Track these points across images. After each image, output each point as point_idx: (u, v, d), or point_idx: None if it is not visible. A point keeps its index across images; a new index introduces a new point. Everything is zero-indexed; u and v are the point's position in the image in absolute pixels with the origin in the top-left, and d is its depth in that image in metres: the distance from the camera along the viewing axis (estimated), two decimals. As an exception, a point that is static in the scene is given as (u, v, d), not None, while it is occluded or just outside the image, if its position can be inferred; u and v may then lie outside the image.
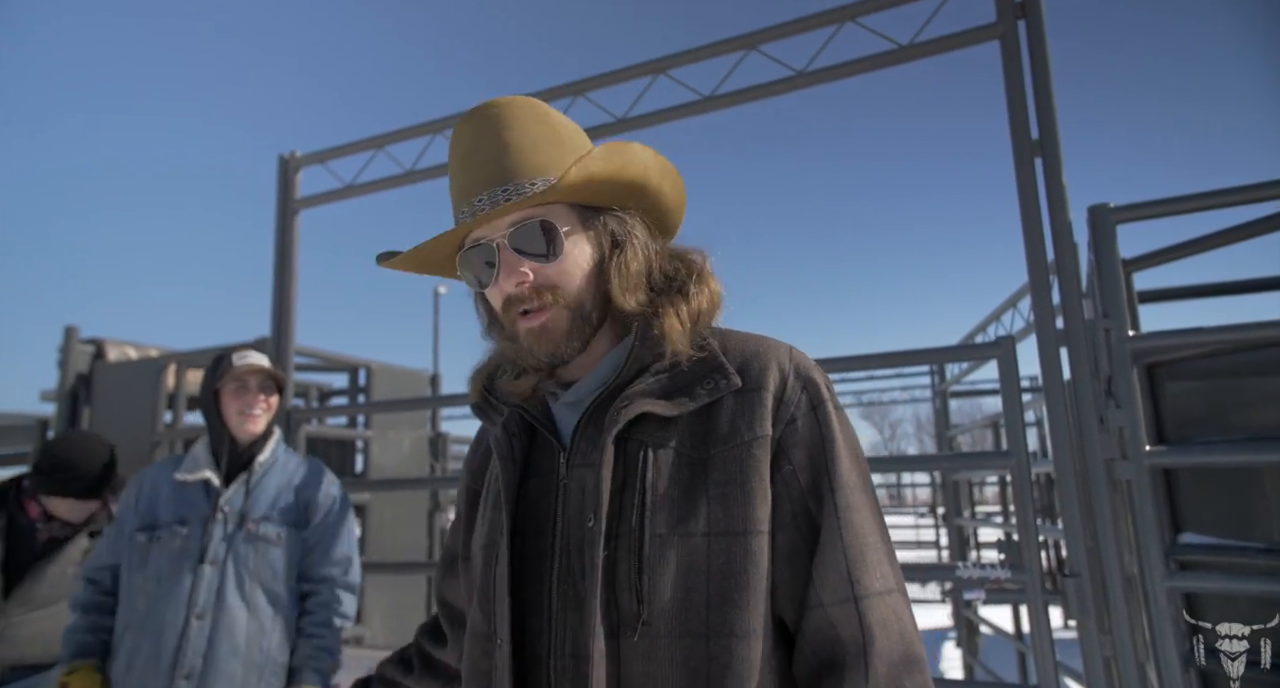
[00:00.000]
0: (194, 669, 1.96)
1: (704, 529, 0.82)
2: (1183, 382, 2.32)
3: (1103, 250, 2.24)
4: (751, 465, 0.84)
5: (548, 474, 0.92)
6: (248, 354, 2.22)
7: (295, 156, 3.72)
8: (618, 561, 0.82)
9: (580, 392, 0.94)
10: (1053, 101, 2.30)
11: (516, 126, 0.93)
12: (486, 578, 0.91)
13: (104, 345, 4.78)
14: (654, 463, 0.85)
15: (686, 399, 0.87)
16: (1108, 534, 2.13)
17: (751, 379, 0.89)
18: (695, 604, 0.80)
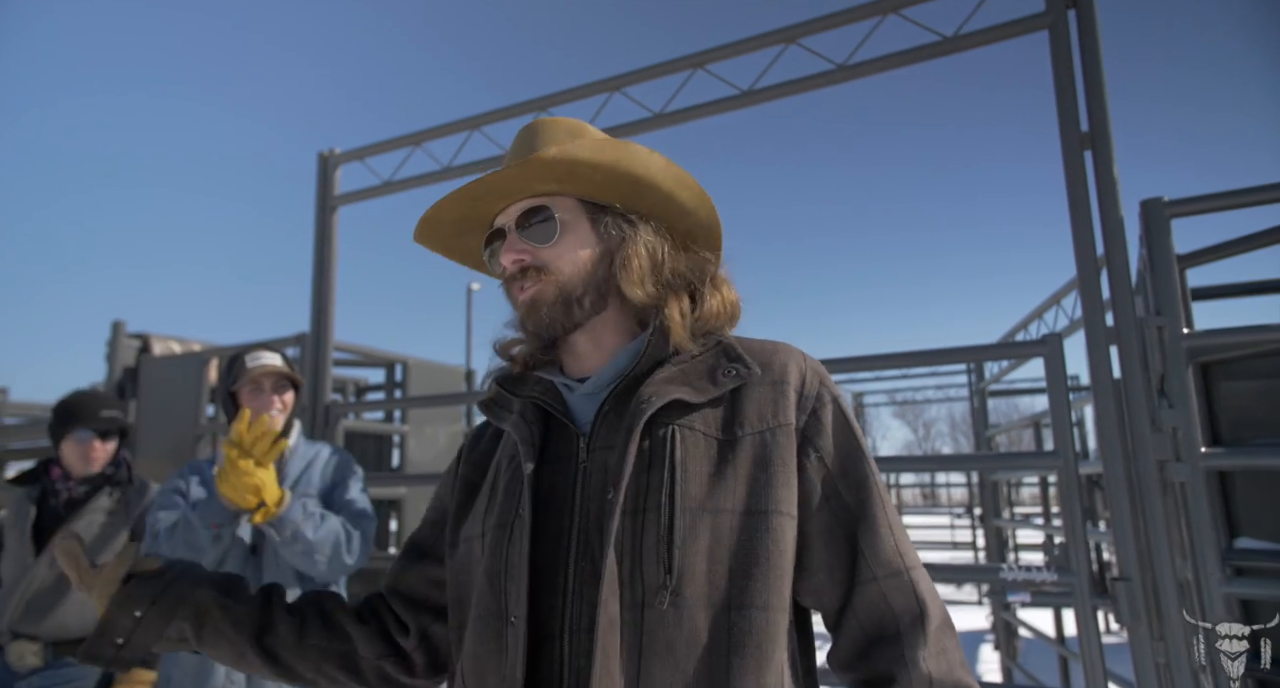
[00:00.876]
0: None
1: (731, 506, 0.87)
2: (1238, 381, 2.24)
3: (1156, 245, 2.17)
4: (776, 450, 0.90)
5: (566, 459, 0.95)
6: (260, 355, 2.26)
7: (334, 153, 3.76)
8: (644, 533, 0.85)
9: (598, 383, 0.99)
10: (1104, 93, 2.24)
11: (547, 134, 1.04)
12: (497, 558, 0.91)
13: (149, 340, 4.88)
14: (683, 442, 0.89)
15: (710, 386, 0.93)
16: (1160, 538, 2.07)
17: (774, 372, 0.96)
18: (719, 577, 0.85)
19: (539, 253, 1.00)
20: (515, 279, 1.01)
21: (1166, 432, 2.11)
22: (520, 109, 3.33)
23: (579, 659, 0.83)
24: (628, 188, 1.02)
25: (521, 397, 1.02)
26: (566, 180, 1.00)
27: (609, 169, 0.99)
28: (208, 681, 2.03)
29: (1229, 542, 2.12)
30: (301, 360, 3.72)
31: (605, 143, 0.99)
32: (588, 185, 1.01)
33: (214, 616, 1.02)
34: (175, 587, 1.02)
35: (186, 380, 4.46)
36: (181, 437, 4.36)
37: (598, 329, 1.03)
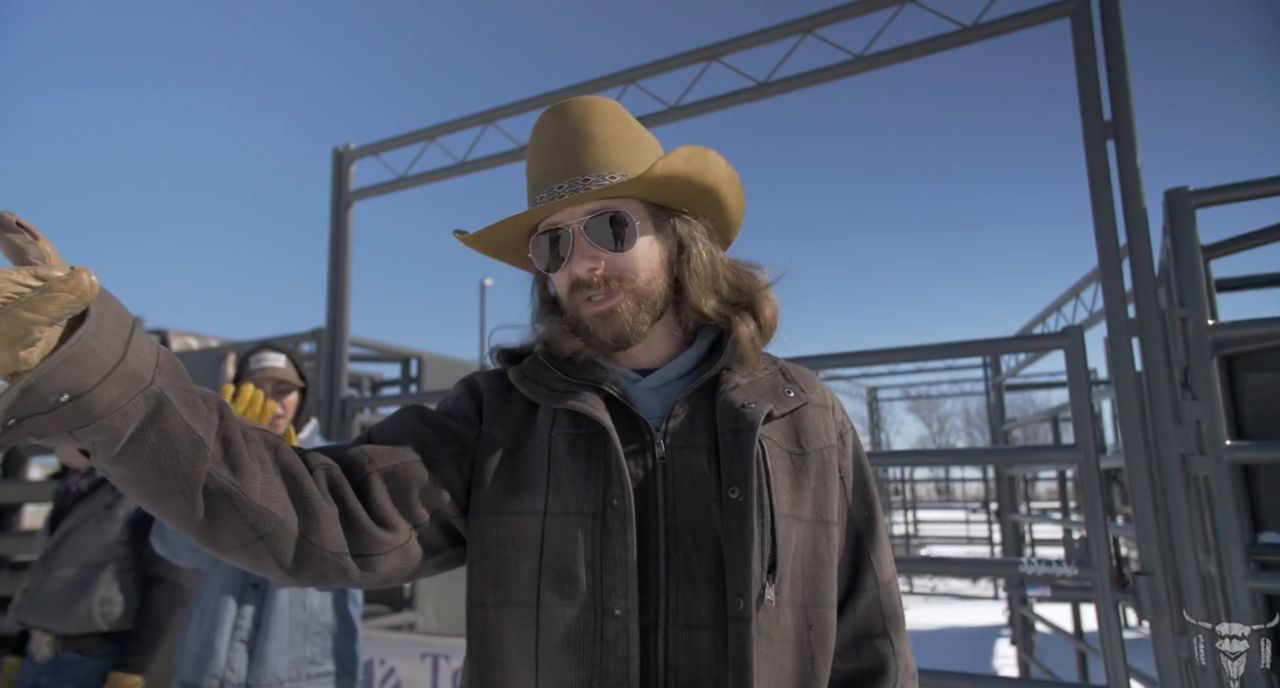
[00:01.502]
0: (248, 633, 2.12)
1: (809, 515, 0.95)
2: (1263, 373, 2.21)
3: (1181, 236, 2.14)
4: (832, 468, 0.99)
5: (639, 452, 0.94)
6: (264, 358, 2.29)
7: (350, 149, 3.77)
8: (747, 533, 0.88)
9: (663, 378, 1.01)
10: (1127, 82, 2.21)
11: (599, 124, 1.00)
12: (590, 548, 0.88)
13: (168, 335, 4.92)
14: (770, 452, 0.94)
15: (780, 402, 0.98)
16: (1183, 532, 2.05)
17: (819, 397, 1.04)
18: (799, 578, 0.93)
19: (614, 260, 0.97)
20: (585, 287, 0.97)
21: (1190, 425, 2.08)
22: (534, 103, 3.33)
23: (678, 656, 0.86)
24: (696, 195, 1.02)
25: (578, 381, 0.98)
26: (646, 190, 0.98)
27: (693, 180, 0.99)
28: (208, 668, 2.06)
29: (1253, 536, 2.10)
30: (317, 356, 3.74)
31: (692, 153, 0.97)
32: (660, 191, 0.99)
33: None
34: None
35: (204, 375, 4.49)
36: (200, 431, 4.40)
37: (659, 328, 1.02)
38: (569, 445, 0.95)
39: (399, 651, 3.32)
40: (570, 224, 0.97)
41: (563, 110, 1.01)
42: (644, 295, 0.97)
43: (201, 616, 2.15)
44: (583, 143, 0.98)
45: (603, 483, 0.91)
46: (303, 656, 2.13)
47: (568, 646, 0.87)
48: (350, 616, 2.29)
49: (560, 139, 0.99)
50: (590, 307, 0.97)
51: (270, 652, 2.09)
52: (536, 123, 1.04)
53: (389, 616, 4.50)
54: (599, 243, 0.96)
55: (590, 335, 0.97)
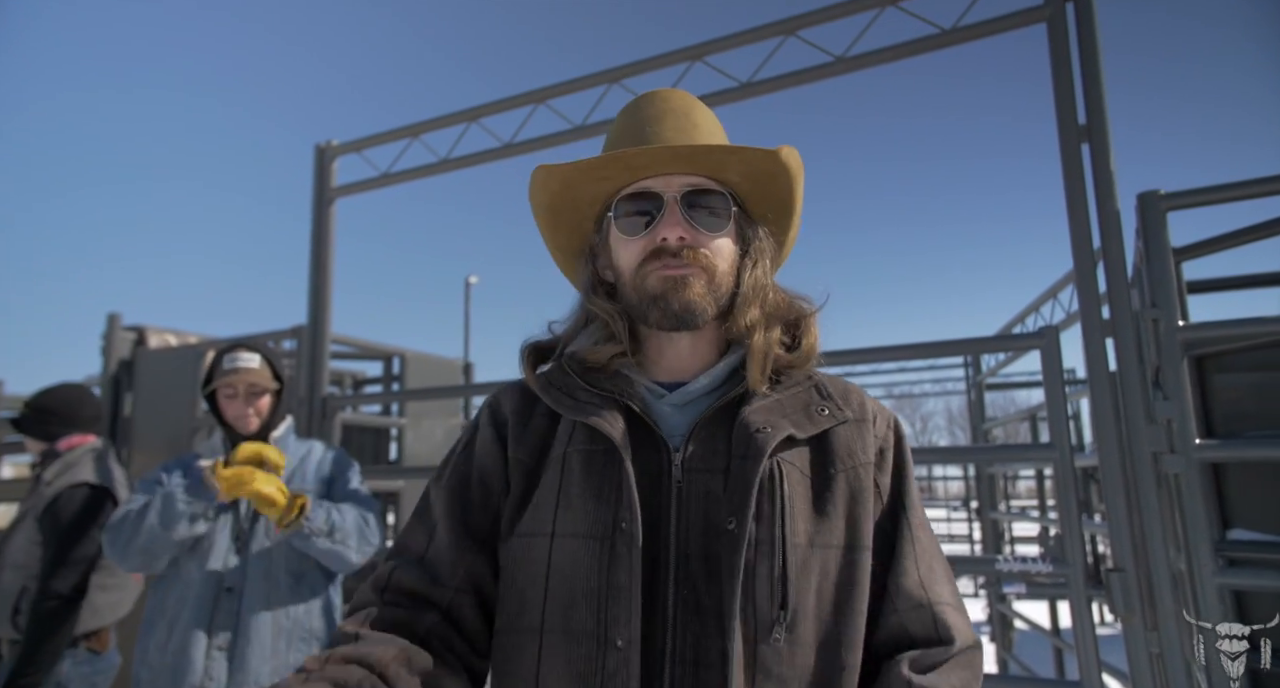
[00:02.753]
0: (226, 641, 2.06)
1: (838, 542, 0.88)
2: (1232, 374, 2.25)
3: (1153, 238, 2.18)
4: (867, 486, 0.92)
5: (654, 473, 0.89)
6: (237, 357, 2.25)
7: (332, 145, 3.75)
8: (757, 566, 0.83)
9: (688, 395, 0.96)
10: (1101, 86, 2.24)
11: (705, 116, 0.99)
12: (595, 575, 0.84)
13: (145, 333, 4.87)
14: (788, 478, 0.88)
15: (808, 423, 0.92)
16: (1155, 529, 2.08)
17: (854, 411, 0.97)
18: (826, 614, 0.85)
19: (702, 238, 0.94)
20: (664, 255, 0.93)
21: (1161, 424, 2.12)
22: (518, 101, 3.32)
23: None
24: (780, 208, 1.01)
25: (600, 391, 0.94)
26: (751, 179, 0.97)
27: (791, 188, 0.98)
28: (184, 678, 2.01)
29: (1222, 533, 2.13)
30: (298, 353, 3.72)
31: (800, 162, 0.97)
32: (757, 191, 0.98)
33: None
34: None
35: (183, 373, 4.45)
36: (178, 430, 4.36)
37: (701, 337, 0.98)
38: (583, 463, 0.91)
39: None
40: (666, 192, 0.94)
41: (665, 95, 1.00)
42: (716, 283, 0.94)
43: (170, 626, 2.07)
44: (687, 124, 0.96)
45: (613, 505, 0.86)
46: (287, 662, 2.08)
47: (568, 676, 0.83)
48: (336, 622, 2.25)
49: (662, 116, 0.97)
50: (663, 270, 0.93)
51: (252, 658, 2.03)
52: (631, 103, 1.02)
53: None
54: (693, 217, 0.94)
55: (656, 303, 0.93)
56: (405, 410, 5.00)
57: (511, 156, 3.37)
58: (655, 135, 0.95)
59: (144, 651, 2.09)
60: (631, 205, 0.95)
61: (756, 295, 0.97)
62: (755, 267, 0.98)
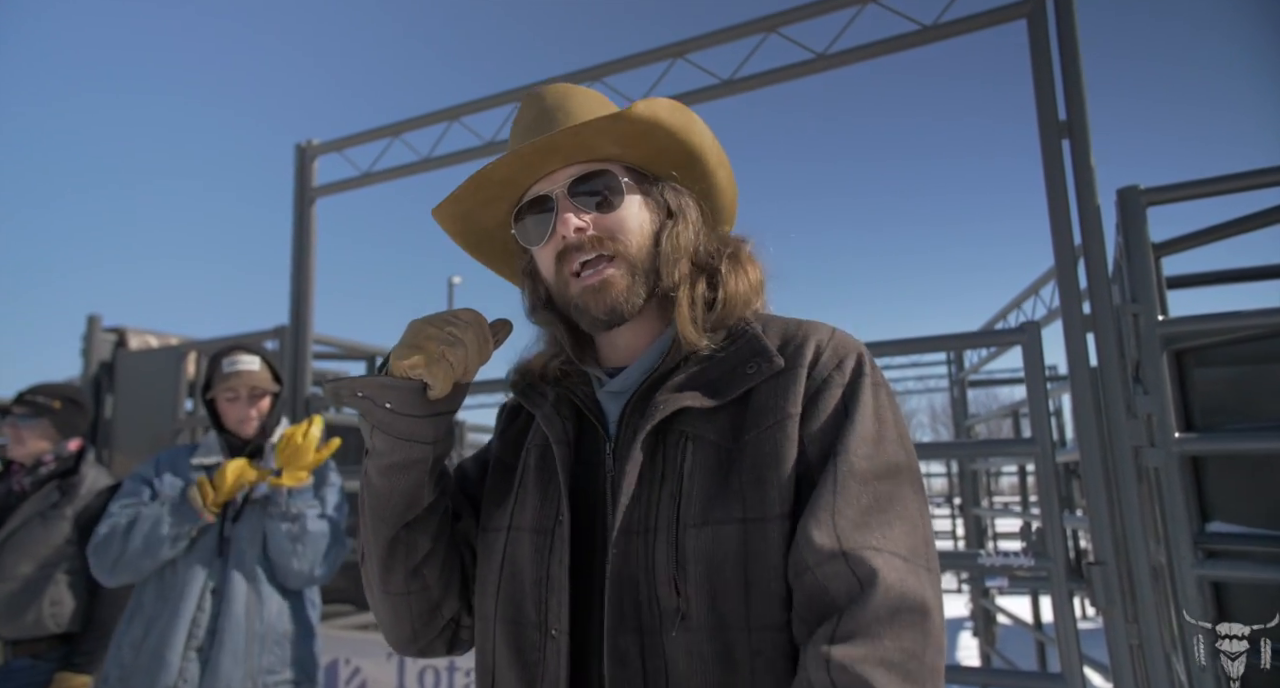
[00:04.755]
0: (203, 642, 2.05)
1: (738, 515, 0.78)
2: (1211, 368, 2.27)
3: (1132, 234, 2.19)
4: (785, 445, 0.80)
5: (595, 464, 0.89)
6: (237, 361, 2.25)
7: (312, 145, 3.72)
8: (655, 554, 0.79)
9: (625, 381, 0.93)
10: (1082, 82, 2.26)
11: (577, 100, 0.95)
12: (538, 566, 0.86)
13: (126, 334, 4.82)
14: (692, 454, 0.83)
15: (729, 387, 0.85)
16: (1135, 523, 2.10)
17: (788, 358, 0.86)
18: (732, 595, 0.76)
19: (602, 220, 0.90)
20: (574, 253, 0.90)
21: (1141, 418, 2.13)
22: (499, 99, 3.31)
23: (614, 669, 0.79)
24: (684, 160, 0.95)
25: (556, 389, 0.96)
26: (630, 144, 0.92)
27: (677, 137, 0.92)
28: (158, 679, 2.00)
29: (1201, 526, 2.15)
30: (280, 354, 3.69)
31: (675, 106, 0.91)
32: (646, 152, 0.93)
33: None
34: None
35: (164, 374, 4.40)
36: (159, 431, 4.31)
37: (642, 317, 0.94)
38: (538, 459, 0.94)
39: (364, 650, 3.29)
40: (553, 190, 0.91)
41: (540, 94, 0.97)
42: (636, 263, 0.90)
43: (147, 624, 2.07)
44: (560, 115, 0.93)
45: (555, 499, 0.88)
46: (259, 665, 2.08)
47: (516, 664, 0.85)
48: (308, 620, 2.25)
49: (538, 119, 0.94)
50: (579, 282, 0.90)
51: (224, 663, 2.03)
52: (516, 114, 1.00)
53: (356, 615, 4.45)
54: (584, 204, 0.90)
55: (583, 313, 0.91)
56: (389, 411, 4.97)
57: (494, 155, 3.34)
58: (526, 140, 0.93)
59: (118, 648, 2.09)
60: (528, 214, 0.94)
61: (679, 254, 0.92)
62: (675, 225, 0.93)
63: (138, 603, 2.13)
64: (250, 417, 2.25)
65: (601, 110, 0.94)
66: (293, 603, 2.21)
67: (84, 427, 2.78)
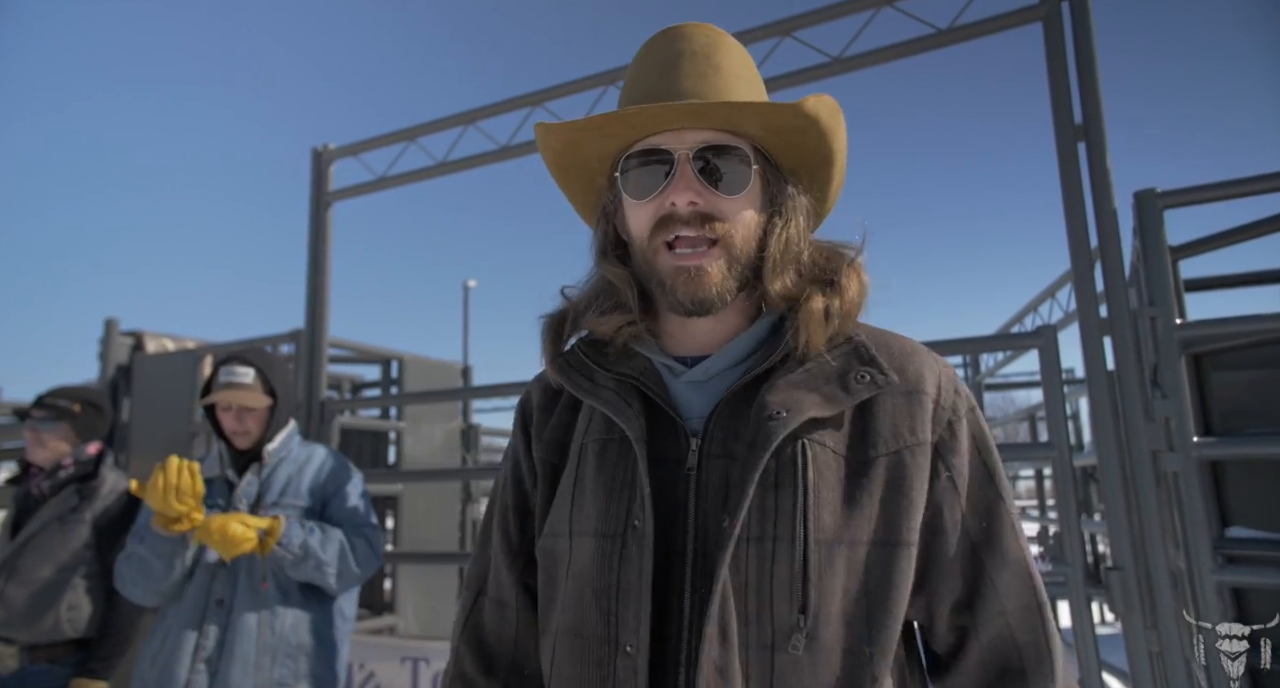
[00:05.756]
0: (212, 654, 2.04)
1: (869, 538, 0.77)
2: (1230, 372, 2.25)
3: (1149, 237, 2.18)
4: (915, 472, 0.80)
5: (674, 462, 0.82)
6: (233, 371, 2.25)
7: (329, 149, 3.75)
8: (775, 566, 0.75)
9: (709, 370, 0.86)
10: (1097, 85, 2.24)
11: (730, 56, 0.87)
12: (605, 574, 0.80)
13: (143, 338, 4.87)
14: (814, 462, 0.78)
15: (842, 393, 0.81)
16: (1154, 527, 2.08)
17: (909, 380, 0.84)
18: (856, 618, 0.76)
19: (718, 203, 0.83)
20: (676, 224, 0.82)
21: (1160, 422, 2.12)
22: (514, 104, 3.32)
23: None
24: (816, 162, 0.89)
25: (615, 373, 0.88)
26: (774, 130, 0.85)
27: (825, 139, 0.86)
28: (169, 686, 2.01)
29: (1221, 530, 2.13)
30: (296, 357, 3.72)
31: (835, 108, 0.85)
32: (786, 143, 0.86)
33: None
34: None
35: (180, 378, 4.44)
36: (176, 434, 4.35)
37: (725, 312, 0.87)
38: (598, 454, 0.87)
39: (378, 655, 3.30)
40: (678, 149, 0.83)
41: (685, 32, 0.87)
42: (736, 257, 0.84)
43: (164, 639, 2.09)
44: (707, 68, 0.85)
45: (626, 500, 0.81)
46: (270, 678, 2.06)
47: (576, 679, 0.80)
48: (329, 635, 2.21)
49: (679, 59, 0.85)
50: (674, 259, 0.83)
51: (234, 674, 2.02)
52: (649, 41, 0.90)
53: (369, 619, 4.48)
54: (707, 177, 0.82)
55: (667, 292, 0.84)
56: (404, 414, 5.00)
57: (509, 159, 3.37)
58: (668, 85, 0.84)
59: (141, 662, 2.11)
60: (639, 165, 0.85)
61: (788, 260, 0.86)
62: (786, 227, 0.86)
63: (161, 615, 2.15)
64: (240, 431, 2.25)
65: (748, 73, 0.89)
66: (314, 616, 2.18)
67: (104, 430, 2.80)
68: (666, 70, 0.85)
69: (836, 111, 0.86)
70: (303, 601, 2.18)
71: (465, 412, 5.65)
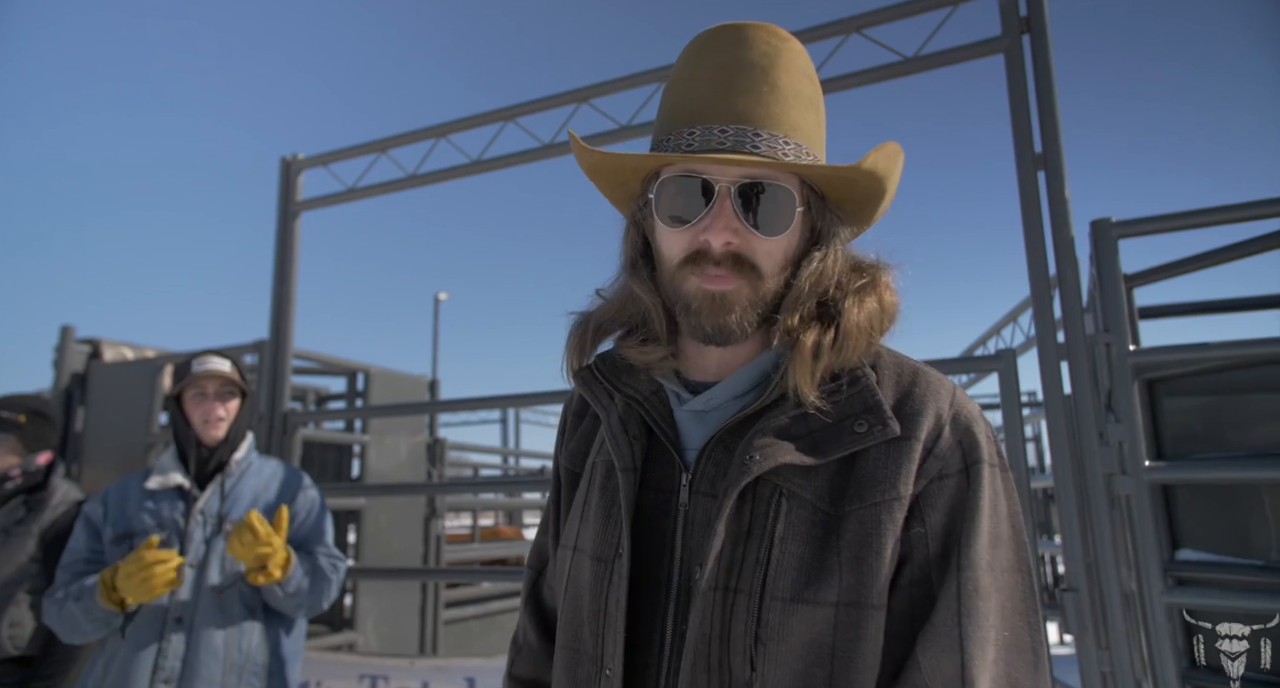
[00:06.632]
0: (173, 673, 1.97)
1: (834, 598, 0.72)
2: (1182, 397, 2.31)
3: (1104, 265, 2.24)
4: (889, 528, 0.74)
5: (666, 491, 0.82)
6: (208, 360, 2.21)
7: (297, 159, 3.72)
8: (734, 618, 0.73)
9: (709, 402, 0.84)
10: (1056, 116, 2.30)
11: (790, 70, 0.81)
12: (597, 598, 0.81)
13: (100, 346, 4.76)
14: (786, 514, 0.75)
15: (834, 444, 0.77)
16: (1106, 549, 2.12)
17: (904, 422, 0.77)
18: (815, 681, 0.71)
19: (754, 242, 0.79)
20: (707, 260, 0.79)
21: (1113, 446, 2.16)
22: (486, 118, 3.33)
23: None
24: (866, 198, 0.85)
25: (623, 394, 0.87)
26: (828, 177, 0.81)
27: (879, 183, 0.82)
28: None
29: (1171, 553, 2.18)
30: (260, 368, 3.67)
31: (894, 154, 0.81)
32: (837, 182, 0.82)
33: None
34: None
35: (138, 387, 4.35)
36: (132, 446, 4.26)
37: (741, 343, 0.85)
38: (603, 476, 0.88)
39: (335, 672, 3.24)
40: (721, 181, 0.78)
41: (746, 36, 0.81)
42: (764, 294, 0.81)
43: (107, 661, 1.99)
44: (764, 85, 0.79)
45: (617, 527, 0.81)
46: None
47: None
48: (285, 652, 2.17)
49: (736, 71, 0.80)
50: (703, 282, 0.79)
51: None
52: (704, 37, 0.84)
53: (328, 635, 4.39)
54: (747, 215, 0.78)
55: (690, 316, 0.81)
56: (369, 427, 4.94)
57: (480, 173, 3.37)
58: (718, 100, 0.79)
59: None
60: (677, 190, 0.80)
61: (814, 292, 0.82)
62: (824, 260, 0.82)
63: (101, 642, 2.06)
64: (218, 416, 2.18)
65: (808, 88, 0.83)
66: (273, 632, 2.14)
67: (53, 440, 2.71)
68: (719, 82, 0.80)
69: (896, 156, 0.82)
70: (265, 617, 2.14)
71: (432, 426, 5.59)
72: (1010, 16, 2.43)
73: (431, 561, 5.22)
